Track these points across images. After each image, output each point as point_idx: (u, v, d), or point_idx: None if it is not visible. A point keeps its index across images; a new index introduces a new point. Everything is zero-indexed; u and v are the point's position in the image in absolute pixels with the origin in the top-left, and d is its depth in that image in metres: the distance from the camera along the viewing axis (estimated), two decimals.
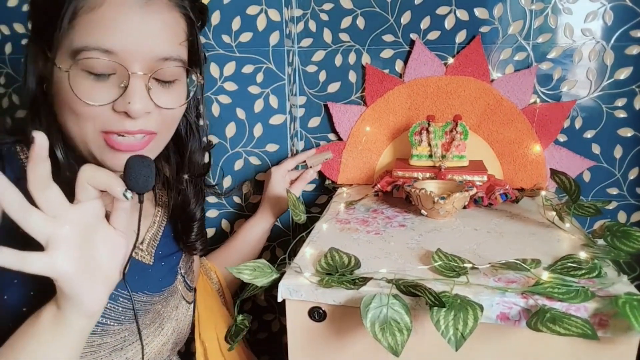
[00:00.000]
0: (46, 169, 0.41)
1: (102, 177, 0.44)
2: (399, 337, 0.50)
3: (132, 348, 0.61)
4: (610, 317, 0.51)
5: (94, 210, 0.45)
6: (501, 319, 0.54)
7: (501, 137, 0.96)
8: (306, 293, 0.59)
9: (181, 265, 0.73)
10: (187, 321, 0.74)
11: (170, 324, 0.69)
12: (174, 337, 0.71)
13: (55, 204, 0.42)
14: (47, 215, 0.42)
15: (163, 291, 0.67)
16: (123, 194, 0.45)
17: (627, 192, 0.97)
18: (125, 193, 0.45)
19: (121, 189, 0.45)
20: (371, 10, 0.96)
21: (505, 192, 0.84)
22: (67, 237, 0.43)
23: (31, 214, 0.41)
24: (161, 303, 0.67)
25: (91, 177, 0.44)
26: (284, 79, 0.95)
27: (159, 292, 0.66)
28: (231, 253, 0.93)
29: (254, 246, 0.94)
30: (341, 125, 1.03)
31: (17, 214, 0.40)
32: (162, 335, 0.67)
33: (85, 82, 0.51)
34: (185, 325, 0.74)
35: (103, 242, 0.47)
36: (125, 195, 0.45)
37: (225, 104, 0.99)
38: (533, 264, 0.59)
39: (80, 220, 0.44)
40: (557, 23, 0.91)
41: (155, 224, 0.71)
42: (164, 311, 0.67)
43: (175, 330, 0.70)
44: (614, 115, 0.94)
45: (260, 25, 0.93)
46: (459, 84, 0.96)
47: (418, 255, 0.65)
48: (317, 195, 1.09)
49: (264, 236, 0.95)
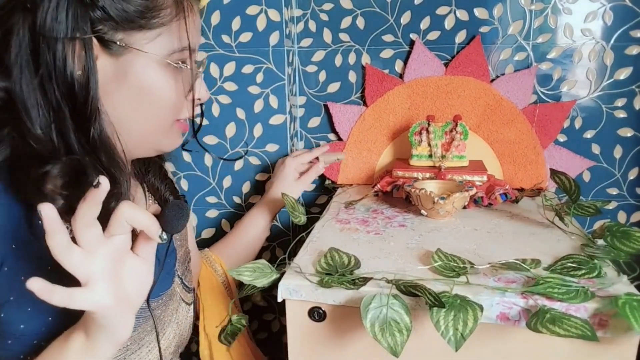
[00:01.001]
0: (97, 211, 0.42)
1: (141, 218, 0.45)
2: (399, 337, 0.50)
3: (135, 357, 0.60)
4: (610, 318, 0.51)
5: (124, 244, 0.46)
6: (501, 319, 0.54)
7: (501, 137, 0.97)
8: (306, 293, 0.59)
9: (177, 267, 0.72)
10: (187, 323, 0.73)
11: (171, 328, 0.68)
12: (176, 340, 0.70)
13: (95, 242, 0.43)
14: (85, 251, 0.43)
15: (161, 295, 0.65)
16: (159, 236, 0.46)
17: (627, 192, 0.97)
18: (161, 235, 0.46)
19: (158, 231, 0.46)
20: (371, 10, 0.97)
21: (505, 192, 0.84)
22: (103, 272, 0.44)
23: (72, 254, 0.42)
24: (160, 308, 0.65)
25: (131, 217, 0.44)
26: (284, 79, 0.95)
27: (157, 297, 0.65)
28: (236, 244, 0.91)
29: (259, 236, 0.93)
30: (341, 125, 1.03)
31: (62, 254, 0.42)
32: (164, 339, 0.67)
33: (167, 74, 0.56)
34: (187, 327, 0.73)
35: (130, 272, 0.48)
36: (160, 237, 0.46)
37: (225, 104, 0.99)
38: (533, 264, 0.59)
39: (112, 254, 0.45)
40: (557, 23, 0.91)
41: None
42: (164, 315, 0.66)
43: (176, 333, 0.70)
44: (614, 115, 0.94)
45: (260, 25, 0.93)
46: (459, 84, 0.96)
47: (418, 255, 0.65)
48: (317, 195, 1.09)
49: (269, 225, 0.94)
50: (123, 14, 0.51)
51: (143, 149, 0.61)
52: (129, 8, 0.52)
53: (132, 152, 0.61)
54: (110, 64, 0.53)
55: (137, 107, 0.56)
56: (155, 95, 0.56)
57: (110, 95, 0.54)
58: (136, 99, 0.55)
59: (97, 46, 0.52)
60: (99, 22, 0.51)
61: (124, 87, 0.54)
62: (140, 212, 0.45)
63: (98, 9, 0.50)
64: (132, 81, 0.54)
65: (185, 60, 0.58)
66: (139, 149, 0.61)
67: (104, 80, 0.53)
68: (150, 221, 0.45)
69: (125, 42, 0.53)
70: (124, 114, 0.56)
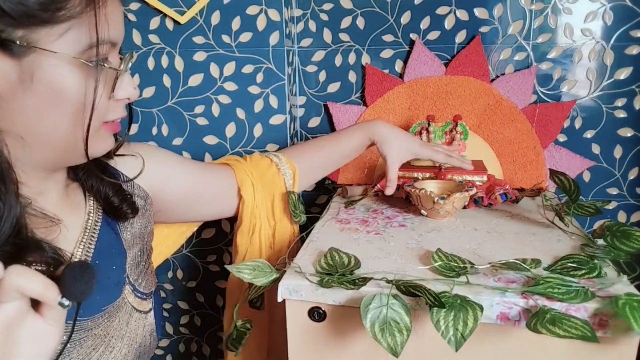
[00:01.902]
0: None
1: (33, 286, 0.39)
2: (399, 337, 0.50)
3: None
4: (610, 318, 0.51)
5: (16, 311, 0.40)
6: (501, 319, 0.54)
7: (501, 137, 0.97)
8: (306, 293, 0.59)
9: (129, 272, 0.62)
10: (147, 331, 0.64)
11: (121, 342, 0.60)
12: (133, 353, 0.62)
13: None
14: None
15: (103, 311, 0.57)
16: (59, 302, 0.41)
17: (627, 192, 0.97)
18: (62, 301, 0.41)
19: (56, 298, 0.40)
20: (371, 10, 0.96)
21: (505, 192, 0.84)
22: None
23: None
24: (102, 325, 0.57)
25: (20, 286, 0.38)
26: (284, 79, 0.95)
27: (95, 315, 0.56)
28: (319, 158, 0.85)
29: (348, 154, 0.86)
30: (341, 125, 1.03)
31: None
32: (114, 357, 0.59)
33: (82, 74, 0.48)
34: (146, 335, 0.64)
35: (28, 336, 0.41)
36: (61, 303, 0.41)
37: (225, 104, 0.99)
38: (533, 264, 0.59)
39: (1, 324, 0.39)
40: (557, 23, 0.91)
41: (88, 228, 0.60)
42: (107, 332, 0.58)
43: (131, 346, 0.61)
44: (614, 115, 0.94)
45: (260, 25, 0.93)
46: (459, 84, 0.96)
47: (418, 255, 0.65)
48: (317, 195, 1.09)
49: (363, 148, 0.86)
50: (20, 8, 0.43)
51: (70, 157, 0.53)
52: (28, 1, 0.44)
53: (56, 163, 0.54)
54: (12, 67, 0.45)
55: (51, 113, 0.48)
56: (71, 99, 0.48)
57: (17, 102, 0.47)
58: (48, 105, 0.48)
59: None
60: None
61: (32, 93, 0.47)
62: (30, 279, 0.39)
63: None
64: (41, 85, 0.47)
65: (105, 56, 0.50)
66: (63, 159, 0.54)
67: (6, 86, 0.46)
68: (43, 288, 0.40)
69: (27, 40, 0.45)
70: (35, 122, 0.48)
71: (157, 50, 0.97)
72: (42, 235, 0.51)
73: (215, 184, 0.78)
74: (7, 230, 0.47)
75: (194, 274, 1.11)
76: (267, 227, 0.82)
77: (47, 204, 0.54)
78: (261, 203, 0.81)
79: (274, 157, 0.83)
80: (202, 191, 0.76)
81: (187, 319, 1.15)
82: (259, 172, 0.81)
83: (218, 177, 0.78)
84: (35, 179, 0.53)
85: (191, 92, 0.98)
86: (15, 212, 0.47)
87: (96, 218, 0.61)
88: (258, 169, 0.81)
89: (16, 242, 0.48)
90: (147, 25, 0.95)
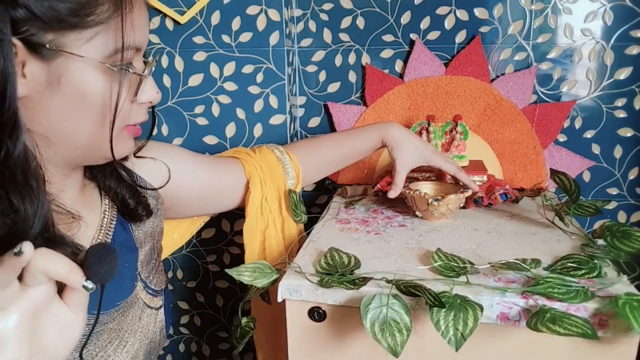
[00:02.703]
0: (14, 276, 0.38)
1: (57, 269, 0.40)
2: (399, 337, 0.50)
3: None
4: (610, 317, 0.51)
5: (44, 295, 0.41)
6: (501, 319, 0.54)
7: (501, 137, 0.97)
8: (306, 293, 0.59)
9: (141, 270, 0.64)
10: (158, 327, 0.66)
11: (134, 337, 0.61)
12: (144, 348, 0.63)
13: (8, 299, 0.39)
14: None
15: (118, 306, 0.59)
16: (83, 285, 0.41)
17: (627, 192, 0.97)
18: (86, 284, 0.41)
19: (80, 280, 0.41)
20: (371, 10, 0.96)
21: (505, 192, 0.84)
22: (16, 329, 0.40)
23: None
24: (117, 320, 0.58)
25: (44, 269, 0.39)
26: (284, 79, 0.95)
27: (111, 309, 0.58)
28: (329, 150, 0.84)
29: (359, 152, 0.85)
30: (341, 125, 1.03)
31: None
32: (127, 351, 0.60)
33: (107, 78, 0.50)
34: (157, 331, 0.66)
35: (54, 323, 0.42)
36: (85, 286, 0.41)
37: (225, 104, 0.99)
38: (533, 264, 0.59)
39: (30, 307, 0.40)
40: (557, 23, 0.91)
41: (103, 226, 0.61)
42: (121, 327, 0.59)
43: (142, 341, 0.63)
44: (614, 115, 0.94)
45: (260, 25, 0.93)
46: (459, 84, 0.96)
47: (418, 255, 0.65)
48: (317, 195, 1.09)
49: (375, 148, 0.85)
50: (51, 13, 0.45)
51: (90, 158, 0.55)
52: (58, 6, 0.45)
53: (78, 162, 0.56)
54: (41, 70, 0.47)
55: (75, 115, 0.50)
56: (95, 102, 0.50)
57: (44, 103, 0.49)
58: (74, 107, 0.49)
59: (22, 50, 0.46)
60: (23, 22, 0.45)
61: (58, 95, 0.48)
62: (55, 261, 0.40)
63: (20, 8, 0.44)
64: (68, 88, 0.48)
65: (130, 61, 0.51)
66: (85, 158, 0.55)
67: (35, 87, 0.47)
68: (68, 271, 0.40)
69: (57, 44, 0.46)
70: (60, 123, 0.50)
71: (157, 50, 0.97)
72: (63, 231, 0.53)
73: (226, 179, 0.78)
74: (39, 226, 0.48)
75: (194, 274, 1.11)
76: (279, 221, 0.82)
77: (67, 201, 0.56)
78: (270, 197, 0.81)
79: (280, 154, 0.83)
80: (213, 186, 0.77)
81: (187, 319, 1.15)
82: (268, 166, 0.81)
83: (228, 171, 0.78)
84: (57, 176, 0.54)
85: (191, 92, 0.99)
86: (45, 208, 0.49)
87: (111, 216, 0.62)
88: (266, 163, 0.81)
89: (44, 237, 0.49)
90: None
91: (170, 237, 0.82)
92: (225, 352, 1.17)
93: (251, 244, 0.80)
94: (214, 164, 0.78)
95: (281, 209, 0.83)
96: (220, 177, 0.77)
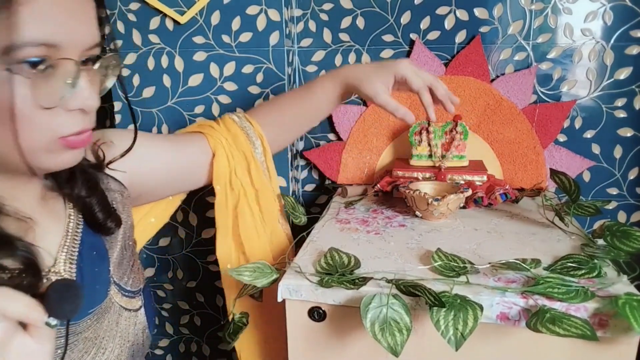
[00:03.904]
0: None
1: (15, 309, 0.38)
2: (399, 337, 0.50)
3: None
4: (610, 317, 0.51)
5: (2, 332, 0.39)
6: (501, 319, 0.54)
7: (501, 137, 0.97)
8: (306, 293, 0.59)
9: (113, 273, 0.60)
10: (139, 329, 0.63)
11: (113, 343, 0.58)
12: (126, 352, 0.61)
13: None
14: None
15: (90, 314, 0.56)
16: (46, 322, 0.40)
17: (627, 192, 0.97)
18: (49, 321, 0.40)
19: (42, 318, 0.39)
20: (371, 10, 0.97)
21: (505, 192, 0.84)
22: None
23: None
24: (92, 328, 0.56)
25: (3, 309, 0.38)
26: (284, 79, 0.95)
27: (84, 318, 0.55)
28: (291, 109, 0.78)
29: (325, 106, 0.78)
30: (341, 125, 1.03)
31: None
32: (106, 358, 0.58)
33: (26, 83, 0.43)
34: (138, 333, 0.63)
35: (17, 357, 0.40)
36: (48, 323, 0.40)
37: (225, 104, 0.99)
38: (533, 264, 0.59)
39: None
40: (557, 23, 0.91)
41: (69, 231, 0.57)
42: (97, 334, 0.57)
43: (123, 346, 0.60)
44: (614, 115, 0.94)
45: (260, 25, 0.93)
46: (459, 84, 0.96)
47: (418, 255, 0.65)
48: (317, 195, 1.09)
49: (339, 99, 0.77)
50: None
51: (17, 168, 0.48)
52: None
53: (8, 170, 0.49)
54: None
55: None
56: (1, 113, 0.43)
57: None
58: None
59: None
60: None
61: None
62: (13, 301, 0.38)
63: None
64: None
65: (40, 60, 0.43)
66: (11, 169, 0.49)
67: None
68: (28, 310, 0.39)
69: None
70: None
71: (157, 50, 0.97)
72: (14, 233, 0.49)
73: (190, 156, 0.74)
74: None
75: (194, 274, 1.11)
76: (251, 194, 0.78)
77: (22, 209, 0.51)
78: (240, 171, 0.77)
79: (239, 120, 0.78)
80: (179, 166, 0.73)
81: (187, 319, 1.15)
82: (233, 137, 0.77)
83: (191, 148, 0.74)
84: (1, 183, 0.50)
85: (191, 92, 0.99)
86: None
87: (77, 221, 0.59)
88: (230, 134, 0.77)
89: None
90: (147, 25, 0.95)
91: (147, 221, 0.78)
92: (225, 352, 1.17)
93: (223, 223, 0.77)
94: (175, 142, 0.74)
95: (252, 180, 0.78)
96: (184, 155, 0.73)
